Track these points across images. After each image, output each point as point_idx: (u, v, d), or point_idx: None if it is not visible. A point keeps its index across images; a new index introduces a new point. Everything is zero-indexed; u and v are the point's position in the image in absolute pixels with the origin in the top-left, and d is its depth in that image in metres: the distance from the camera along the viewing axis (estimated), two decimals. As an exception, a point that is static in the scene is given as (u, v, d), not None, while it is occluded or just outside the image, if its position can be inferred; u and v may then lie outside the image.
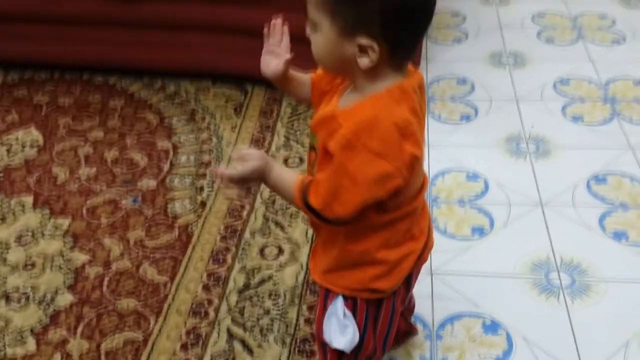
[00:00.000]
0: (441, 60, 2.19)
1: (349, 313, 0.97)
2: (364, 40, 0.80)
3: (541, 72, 2.10)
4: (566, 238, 1.48)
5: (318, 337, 1.02)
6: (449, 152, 1.76)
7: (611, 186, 1.62)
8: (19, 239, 1.53)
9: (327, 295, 0.98)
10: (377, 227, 0.90)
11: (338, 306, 0.97)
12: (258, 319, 1.32)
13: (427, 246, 0.99)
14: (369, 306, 0.98)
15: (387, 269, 0.94)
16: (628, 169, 1.68)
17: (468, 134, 1.84)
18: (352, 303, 0.97)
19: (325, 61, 0.86)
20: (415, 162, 0.84)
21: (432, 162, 1.72)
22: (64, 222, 1.57)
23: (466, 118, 1.90)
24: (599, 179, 1.65)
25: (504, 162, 1.72)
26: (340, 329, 0.97)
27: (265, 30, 0.99)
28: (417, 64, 2.04)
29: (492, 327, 1.29)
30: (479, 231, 1.51)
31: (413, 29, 0.82)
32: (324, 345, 1.01)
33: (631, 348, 1.24)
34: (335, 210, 0.85)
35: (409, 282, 1.01)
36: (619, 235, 1.48)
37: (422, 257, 0.98)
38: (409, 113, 0.82)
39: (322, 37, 0.82)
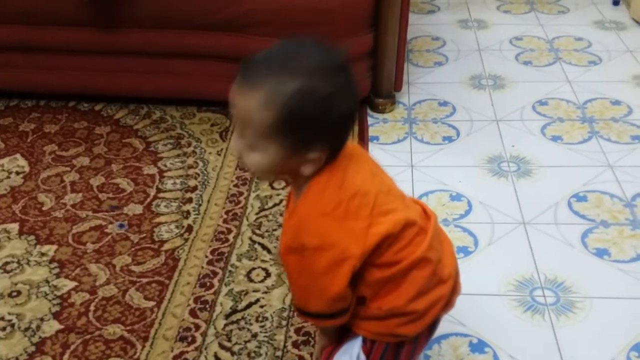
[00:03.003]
0: (422, 83, 2.23)
1: (363, 357, 0.96)
2: (313, 155, 0.84)
3: (520, 94, 2.14)
4: (549, 256, 1.50)
5: None
6: (432, 172, 1.78)
7: (592, 204, 1.65)
8: (4, 266, 1.52)
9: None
10: (395, 281, 0.91)
11: (355, 347, 0.96)
12: (245, 343, 1.32)
13: (455, 291, 0.99)
14: (388, 347, 0.97)
15: (415, 317, 0.94)
16: (608, 186, 1.71)
17: (450, 154, 1.86)
18: (370, 344, 0.96)
19: (264, 175, 0.91)
20: (373, 231, 0.86)
21: (416, 183, 1.74)
22: (50, 249, 1.56)
23: (448, 139, 1.93)
24: (580, 197, 1.68)
25: (486, 182, 1.75)
26: None
27: None
28: (399, 87, 2.07)
29: (478, 346, 1.30)
30: (464, 251, 1.52)
31: (350, 128, 0.87)
32: None
33: (616, 363, 1.25)
34: (313, 307, 0.91)
35: (434, 325, 1.01)
36: (601, 252, 1.51)
37: (449, 303, 0.98)
38: (343, 191, 0.86)
39: (266, 158, 0.84)
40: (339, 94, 0.81)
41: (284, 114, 0.80)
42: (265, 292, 1.43)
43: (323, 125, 0.82)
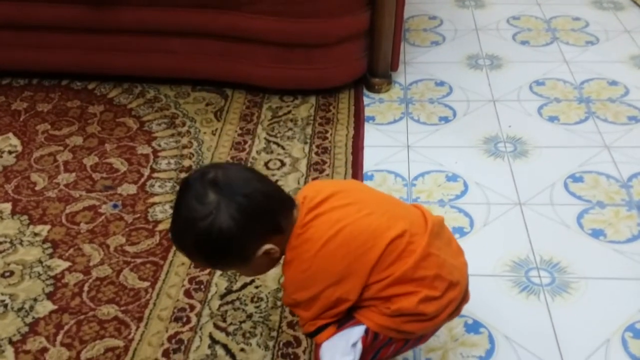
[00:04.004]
0: (419, 62, 2.21)
1: (360, 347, 0.96)
2: (262, 250, 0.93)
3: (517, 74, 2.13)
4: (545, 236, 1.50)
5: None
6: (428, 153, 1.77)
7: (588, 184, 1.65)
8: (-3, 247, 1.51)
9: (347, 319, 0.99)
10: (397, 289, 0.93)
11: (354, 335, 0.96)
12: (240, 323, 1.32)
13: (464, 299, 1.01)
14: (390, 341, 0.98)
15: (424, 318, 0.95)
16: (604, 167, 1.70)
17: (447, 135, 1.85)
18: (372, 336, 0.96)
19: (256, 274, 1.09)
20: (356, 267, 0.93)
21: (412, 164, 1.73)
22: (43, 229, 1.55)
23: (445, 119, 1.92)
24: (576, 177, 1.67)
25: (482, 162, 1.74)
26: (341, 354, 0.96)
27: None
28: (395, 67, 2.05)
29: (473, 326, 1.30)
30: (459, 231, 1.52)
31: (267, 208, 0.93)
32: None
33: (612, 344, 1.25)
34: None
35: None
36: (597, 233, 1.51)
37: (457, 310, 1.01)
38: (311, 244, 0.93)
39: (242, 272, 1.06)
40: (219, 213, 0.89)
41: (204, 258, 0.96)
42: (260, 273, 1.42)
43: (234, 242, 0.91)
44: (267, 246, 0.93)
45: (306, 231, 0.93)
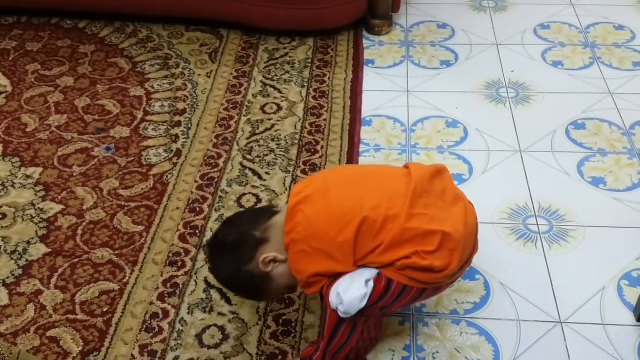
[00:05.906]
0: (421, 3, 2.14)
1: (371, 284, 0.97)
2: (261, 265, 1.02)
3: (522, 17, 2.07)
4: (544, 184, 1.48)
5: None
6: (428, 98, 1.74)
7: (590, 132, 1.62)
8: (-12, 189, 1.49)
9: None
10: (397, 251, 0.96)
11: (369, 272, 0.98)
12: (236, 268, 1.31)
13: (474, 249, 1.04)
14: (406, 289, 0.99)
15: (432, 271, 0.97)
16: (607, 114, 1.67)
17: (448, 79, 1.81)
18: (386, 281, 0.98)
19: (295, 283, 1.05)
20: (340, 242, 0.96)
21: (412, 109, 1.70)
22: (35, 172, 1.53)
23: (446, 64, 1.87)
24: (578, 124, 1.64)
25: (483, 108, 1.70)
26: (357, 287, 0.97)
27: None
28: (397, 8, 1.99)
29: (469, 273, 1.29)
30: (458, 178, 1.50)
31: (250, 228, 1.04)
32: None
33: (607, 293, 1.25)
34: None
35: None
36: (597, 181, 1.49)
37: (468, 261, 1.03)
38: (301, 225, 0.98)
39: (278, 285, 1.06)
40: (214, 260, 1.10)
41: (242, 293, 1.13)
42: (256, 218, 1.41)
43: (237, 273, 1.04)
44: (262, 257, 1.02)
45: (295, 215, 0.99)
